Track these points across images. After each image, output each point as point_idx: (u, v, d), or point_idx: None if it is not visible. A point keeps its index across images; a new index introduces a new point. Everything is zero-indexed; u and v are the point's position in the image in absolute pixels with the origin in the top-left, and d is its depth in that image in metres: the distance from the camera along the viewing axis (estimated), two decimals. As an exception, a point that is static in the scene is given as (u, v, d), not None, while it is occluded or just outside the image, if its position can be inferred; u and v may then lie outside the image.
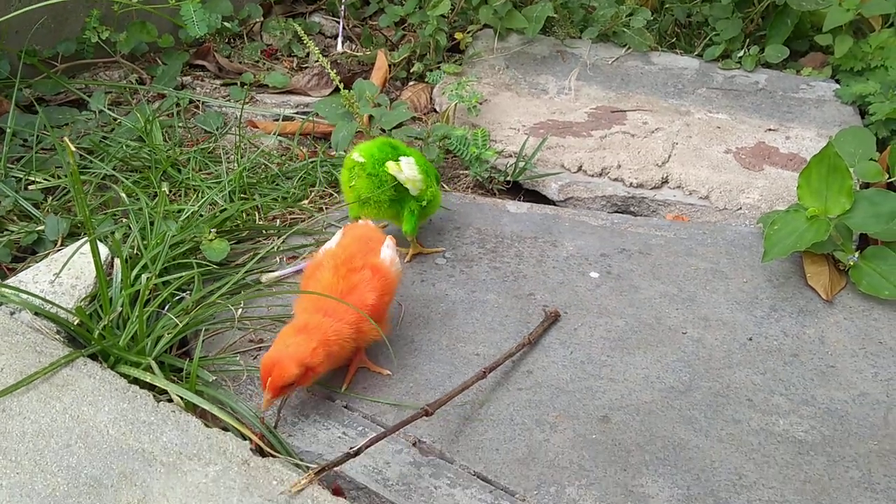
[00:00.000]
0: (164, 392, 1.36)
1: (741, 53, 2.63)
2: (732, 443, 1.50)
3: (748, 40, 2.66)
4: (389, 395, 1.58)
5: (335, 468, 1.33)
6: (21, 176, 2.00)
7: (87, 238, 1.68)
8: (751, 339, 1.73)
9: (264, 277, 1.83)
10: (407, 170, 1.82)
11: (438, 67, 2.65)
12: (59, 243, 1.81)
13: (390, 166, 1.80)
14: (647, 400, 1.58)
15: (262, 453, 1.29)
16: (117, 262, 1.58)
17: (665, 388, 1.61)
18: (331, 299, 1.49)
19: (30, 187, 1.98)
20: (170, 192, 2.01)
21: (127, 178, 2.02)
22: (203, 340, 1.64)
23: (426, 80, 2.60)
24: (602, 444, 1.49)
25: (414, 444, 1.48)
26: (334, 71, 2.62)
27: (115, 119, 2.31)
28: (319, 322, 1.46)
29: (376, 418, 1.53)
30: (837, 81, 2.57)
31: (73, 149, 1.25)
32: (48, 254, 1.78)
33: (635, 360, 1.67)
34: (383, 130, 2.20)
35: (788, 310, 1.81)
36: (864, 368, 1.67)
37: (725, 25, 2.64)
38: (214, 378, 1.49)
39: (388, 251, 1.63)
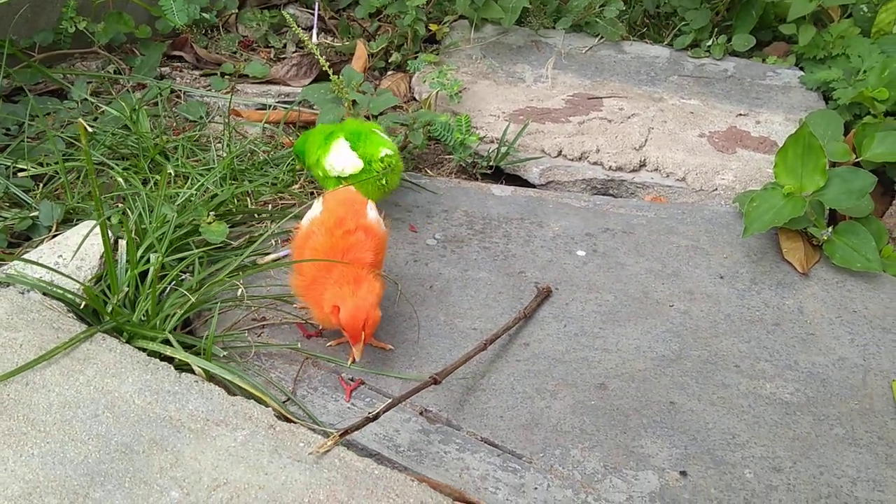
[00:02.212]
0: (181, 366, 1.39)
1: (710, 42, 2.72)
2: (724, 406, 1.58)
3: (716, 30, 2.75)
4: (393, 368, 1.62)
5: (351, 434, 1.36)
6: (9, 164, 1.99)
7: (87, 221, 1.70)
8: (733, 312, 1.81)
9: (260, 260, 1.85)
10: (342, 164, 1.88)
11: (416, 57, 2.69)
12: (53, 229, 1.82)
13: (328, 168, 1.89)
14: (640, 368, 1.65)
15: (286, 420, 1.33)
16: (122, 243, 1.59)
17: (657, 357, 1.68)
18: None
19: (19, 174, 1.97)
20: (160, 178, 2.02)
21: (117, 165, 2.03)
22: (207, 320, 1.67)
23: (407, 69, 2.64)
24: (601, 410, 1.55)
25: (421, 413, 1.53)
26: (318, 59, 2.66)
27: (98, 108, 2.31)
28: (356, 271, 1.49)
29: (382, 390, 1.57)
30: (801, 69, 2.67)
31: (89, 129, 1.26)
32: (43, 239, 1.79)
33: (626, 332, 1.74)
34: (374, 116, 2.24)
35: (767, 283, 1.89)
36: (841, 335, 1.76)
37: (694, 16, 2.73)
38: (225, 353, 1.51)
39: (373, 212, 1.67)
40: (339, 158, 1.90)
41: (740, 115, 2.46)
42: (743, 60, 2.71)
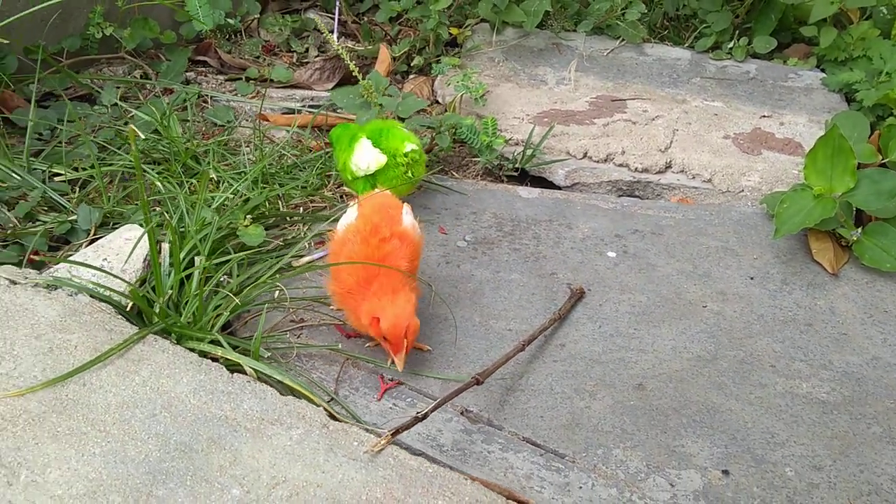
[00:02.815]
0: (229, 366, 1.40)
1: (731, 45, 2.74)
2: (761, 405, 1.59)
3: (737, 32, 2.77)
4: (431, 368, 1.64)
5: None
6: (44, 168, 2.01)
7: (128, 225, 1.72)
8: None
9: (295, 263, 1.87)
10: (366, 161, 1.92)
11: (438, 61, 2.71)
12: (92, 232, 1.84)
13: (354, 169, 1.94)
14: (677, 368, 1.67)
15: (335, 420, 1.34)
16: (164, 246, 1.61)
17: (693, 358, 1.70)
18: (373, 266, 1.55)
19: (55, 179, 1.99)
20: (196, 182, 2.04)
21: (151, 170, 2.04)
22: (247, 322, 1.69)
23: (431, 72, 2.66)
24: (640, 410, 1.57)
25: (462, 413, 1.54)
26: (341, 64, 2.68)
27: (127, 113, 2.33)
28: (393, 281, 1.52)
29: (422, 390, 1.59)
30: (823, 70, 2.69)
31: (141, 135, 1.28)
32: (82, 243, 1.81)
33: (661, 333, 1.76)
34: (401, 119, 2.26)
35: (798, 283, 1.91)
36: (873, 335, 1.77)
37: (715, 18, 2.75)
38: (269, 354, 1.53)
39: (408, 217, 1.68)
40: (363, 156, 1.93)
41: (764, 116, 2.48)
42: (764, 62, 2.73)
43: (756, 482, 1.44)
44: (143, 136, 1.78)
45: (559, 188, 2.30)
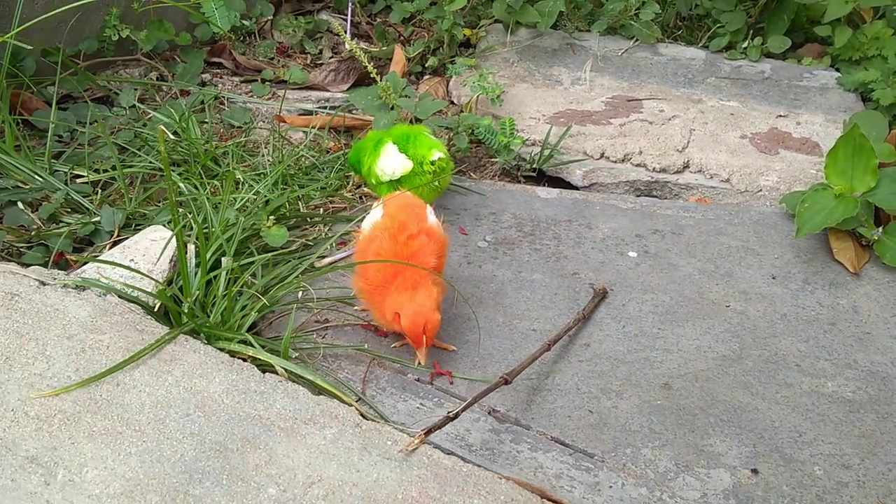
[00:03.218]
0: (259, 365, 1.41)
1: (745, 44, 2.74)
2: (788, 404, 1.59)
3: (750, 31, 2.77)
4: (457, 368, 1.64)
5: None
6: (66, 170, 2.02)
7: (153, 226, 1.72)
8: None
9: (318, 263, 1.87)
10: (392, 166, 1.91)
11: (453, 61, 2.72)
12: (115, 234, 1.84)
13: (379, 174, 1.93)
14: (703, 368, 1.67)
15: (367, 419, 1.34)
16: (190, 247, 1.61)
17: (718, 357, 1.70)
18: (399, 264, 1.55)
19: (77, 180, 2.00)
20: (217, 184, 2.04)
21: (172, 172, 2.05)
22: (272, 322, 1.69)
23: (446, 72, 2.66)
24: (668, 409, 1.57)
25: (489, 413, 1.54)
26: (355, 65, 2.68)
27: (145, 114, 2.33)
28: (416, 276, 1.52)
29: (449, 390, 1.59)
30: (837, 70, 2.69)
31: (170, 136, 1.28)
32: (105, 245, 1.81)
33: (686, 332, 1.76)
34: (418, 120, 2.26)
35: (820, 283, 1.91)
36: (897, 334, 1.77)
37: (729, 18, 2.75)
38: (297, 354, 1.53)
39: (432, 216, 1.68)
40: (389, 162, 1.93)
41: (780, 116, 2.48)
42: (779, 62, 2.73)
43: (785, 481, 1.44)
44: (171, 137, 1.77)
45: (577, 188, 2.30)
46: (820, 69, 2.69)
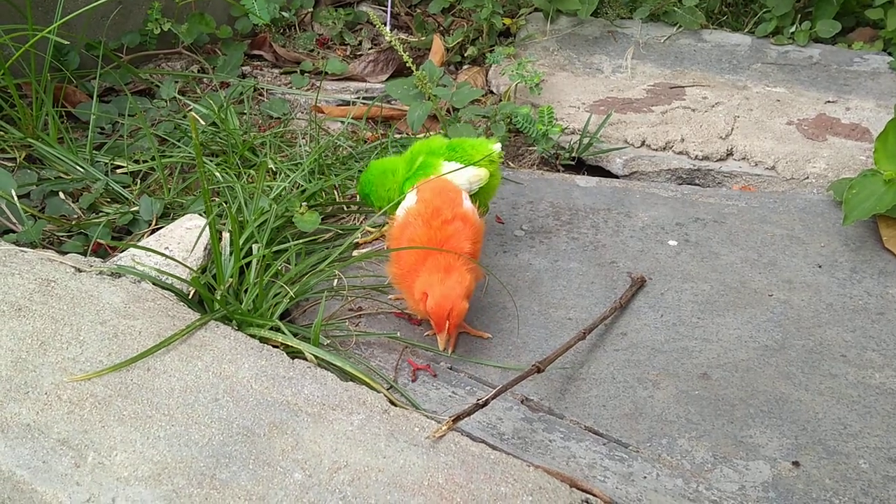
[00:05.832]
0: (290, 352, 1.41)
1: (793, 29, 2.67)
2: (832, 396, 1.54)
3: (798, 16, 2.70)
4: (490, 356, 1.62)
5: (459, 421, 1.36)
6: (106, 161, 2.04)
7: (189, 215, 1.74)
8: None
9: (360, 234, 1.84)
10: (468, 182, 1.74)
11: (492, 51, 2.69)
12: (153, 223, 1.86)
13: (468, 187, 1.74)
14: (743, 358, 1.62)
15: (395, 406, 1.33)
16: (225, 235, 1.62)
17: (759, 347, 1.65)
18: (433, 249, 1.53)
19: (117, 171, 2.02)
20: (253, 173, 2.05)
21: (210, 161, 2.06)
22: (305, 310, 1.69)
23: (486, 61, 2.64)
24: (706, 400, 1.53)
25: (522, 402, 1.52)
26: (395, 55, 2.68)
27: (185, 107, 2.35)
28: (450, 259, 1.50)
29: (482, 378, 1.57)
30: (889, 54, 2.60)
31: (202, 122, 1.28)
32: (143, 233, 1.83)
33: (726, 322, 1.71)
34: (455, 110, 2.24)
35: (868, 271, 1.84)
36: (949, 324, 1.70)
37: (776, 2, 2.68)
38: (329, 342, 1.53)
39: (468, 202, 1.65)
40: (464, 173, 1.74)
41: (829, 102, 2.41)
42: (828, 47, 2.65)
43: (828, 474, 1.39)
44: (203, 123, 1.77)
45: (617, 177, 2.27)
46: (871, 53, 2.61)
